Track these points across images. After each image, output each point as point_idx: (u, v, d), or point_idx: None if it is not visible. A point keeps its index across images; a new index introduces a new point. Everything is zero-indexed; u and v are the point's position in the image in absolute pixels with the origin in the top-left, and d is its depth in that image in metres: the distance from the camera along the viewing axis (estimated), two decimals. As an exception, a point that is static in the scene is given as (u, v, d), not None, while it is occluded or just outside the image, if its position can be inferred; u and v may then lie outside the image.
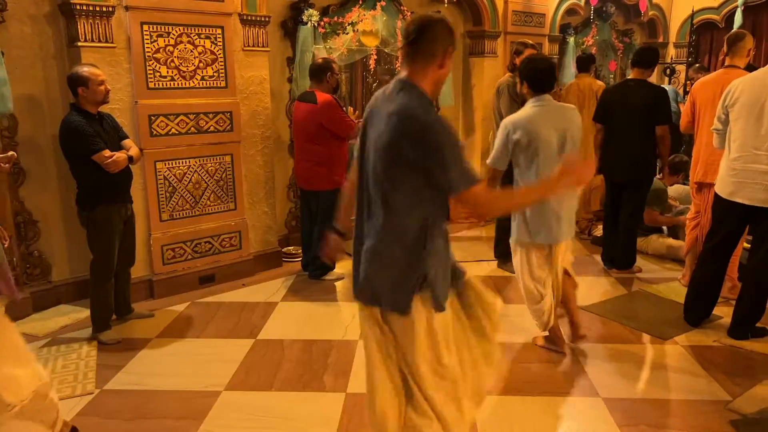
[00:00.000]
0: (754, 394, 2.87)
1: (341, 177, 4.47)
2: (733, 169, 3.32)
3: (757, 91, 3.22)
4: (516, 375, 3.12)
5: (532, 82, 3.10)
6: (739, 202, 3.30)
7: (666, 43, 8.83)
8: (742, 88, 3.29)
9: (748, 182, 3.25)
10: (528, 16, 6.58)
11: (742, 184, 3.28)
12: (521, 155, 3.07)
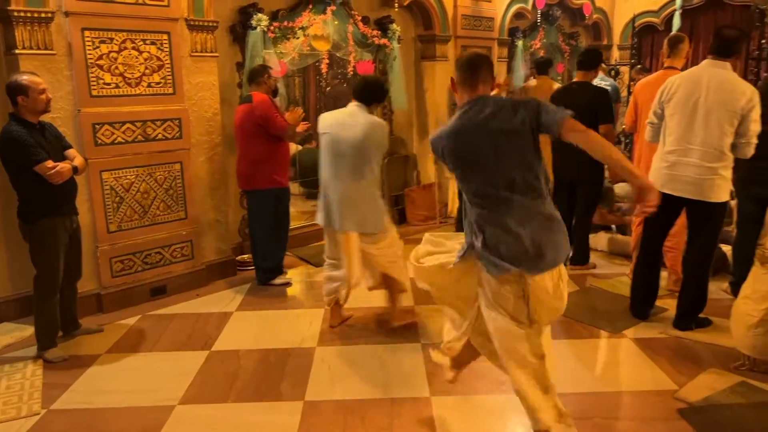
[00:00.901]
0: (698, 382, 2.98)
1: (282, 177, 4.46)
2: (667, 161, 3.47)
3: (691, 88, 3.36)
4: (471, 373, 3.15)
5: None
6: (670, 193, 3.44)
7: (610, 45, 9.12)
8: (678, 85, 3.44)
9: (679, 175, 3.40)
10: (477, 20, 6.69)
11: (674, 177, 3.42)
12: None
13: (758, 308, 3.01)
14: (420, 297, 4.28)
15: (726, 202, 3.42)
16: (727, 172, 3.35)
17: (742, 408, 2.73)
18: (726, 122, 3.25)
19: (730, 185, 3.43)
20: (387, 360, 3.34)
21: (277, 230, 4.54)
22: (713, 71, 3.35)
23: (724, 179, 3.35)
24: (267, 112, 4.24)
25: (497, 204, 2.20)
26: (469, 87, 2.30)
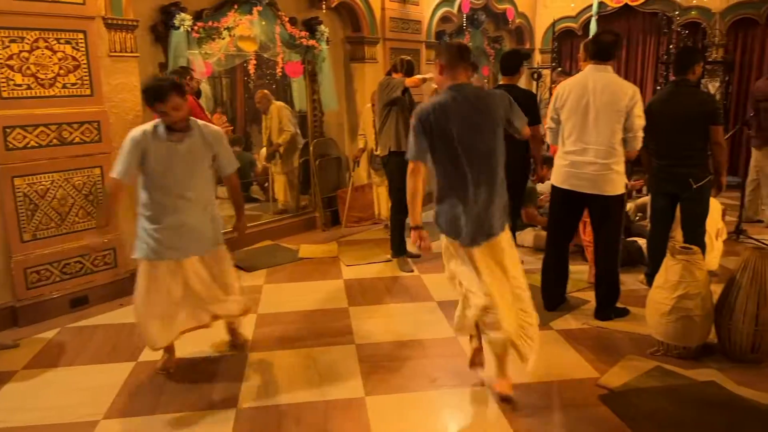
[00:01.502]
0: (618, 369, 3.14)
1: None
2: (567, 160, 3.69)
3: (580, 92, 3.58)
4: (406, 371, 3.20)
5: None
6: (569, 189, 3.68)
7: (532, 49, 9.46)
8: (569, 91, 3.66)
9: (578, 172, 3.62)
10: (405, 23, 6.78)
11: (573, 174, 3.65)
12: None
13: (670, 297, 3.22)
14: (353, 299, 4.30)
15: (623, 194, 3.65)
16: (620, 166, 3.58)
17: (657, 391, 2.90)
18: (614, 120, 3.49)
19: (625, 179, 3.67)
20: (321, 362, 3.33)
21: None
22: (597, 75, 3.58)
23: (618, 173, 3.58)
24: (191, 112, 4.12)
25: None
26: (454, 72, 2.76)
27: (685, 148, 3.92)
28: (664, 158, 4.04)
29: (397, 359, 3.35)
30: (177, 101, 2.88)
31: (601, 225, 3.76)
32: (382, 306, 4.18)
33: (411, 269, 4.89)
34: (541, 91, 8.48)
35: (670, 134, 3.96)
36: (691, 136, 3.90)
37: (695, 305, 3.17)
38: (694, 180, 3.90)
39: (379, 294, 4.42)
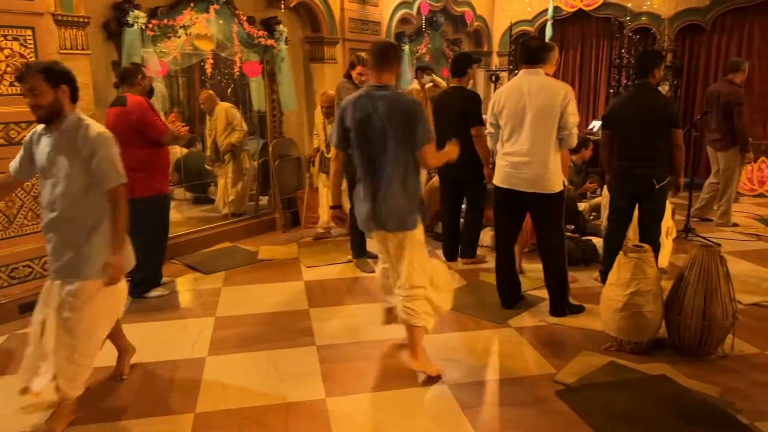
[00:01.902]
0: (574, 365, 3.22)
1: (162, 183, 4.25)
2: (506, 161, 3.80)
3: (517, 96, 3.71)
4: (367, 372, 3.20)
5: None
6: (510, 188, 3.80)
7: (490, 52, 9.60)
8: (506, 96, 3.78)
9: (517, 172, 3.74)
10: (365, 24, 6.79)
11: (513, 174, 3.77)
12: None
13: (622, 293, 3.31)
14: (314, 300, 4.28)
15: (561, 192, 3.76)
16: (556, 165, 3.71)
17: (610, 385, 2.98)
18: (550, 121, 3.62)
19: (563, 177, 3.78)
20: (281, 364, 3.30)
21: (155, 240, 4.28)
22: (531, 79, 3.72)
23: (556, 172, 3.70)
24: (144, 116, 4.01)
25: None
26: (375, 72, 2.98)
27: (648, 149, 4.06)
28: (627, 160, 4.16)
29: (359, 360, 3.35)
30: (35, 83, 2.50)
31: (542, 223, 3.88)
32: (344, 307, 4.17)
33: (372, 270, 4.89)
34: (499, 93, 8.61)
35: (633, 136, 4.09)
36: (652, 138, 4.04)
37: (646, 301, 3.27)
38: (657, 180, 4.03)
39: (340, 295, 4.41)
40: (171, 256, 5.14)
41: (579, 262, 4.96)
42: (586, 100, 9.33)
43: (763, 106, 7.96)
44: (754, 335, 3.56)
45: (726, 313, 3.21)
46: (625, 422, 2.65)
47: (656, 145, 4.04)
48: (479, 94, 5.06)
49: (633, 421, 2.65)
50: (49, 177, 2.64)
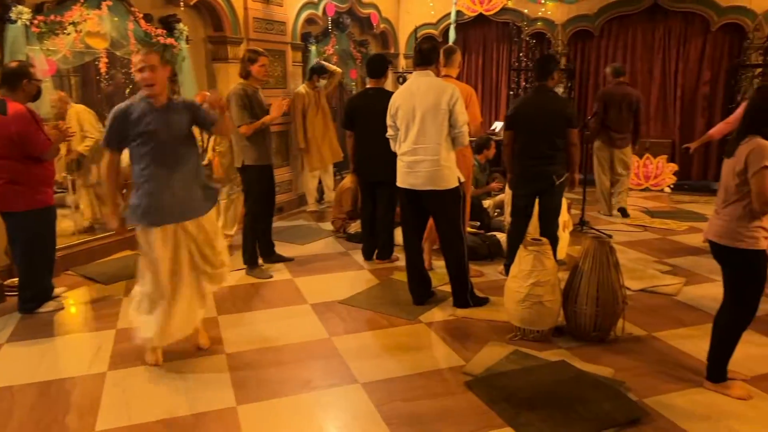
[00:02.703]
0: (481, 356, 3.34)
1: (45, 194, 3.94)
2: (403, 161, 3.93)
3: (408, 98, 3.85)
4: (279, 377, 3.16)
5: None
6: (409, 188, 3.92)
7: (397, 54, 9.76)
8: (401, 99, 3.92)
9: (414, 171, 3.86)
10: (269, 24, 6.69)
11: (410, 173, 3.89)
12: None
13: (524, 285, 3.48)
14: (222, 307, 4.17)
15: (457, 188, 3.88)
16: (450, 162, 3.84)
17: (515, 373, 3.12)
18: (440, 119, 3.75)
19: (457, 173, 3.90)
20: (189, 374, 3.19)
21: (41, 254, 4.00)
22: (421, 80, 3.87)
23: (450, 169, 3.83)
24: (25, 130, 3.69)
25: None
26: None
27: (548, 148, 4.28)
28: (529, 159, 4.37)
29: (270, 365, 3.29)
30: None
31: (439, 219, 4.00)
32: (255, 312, 4.09)
33: (270, 275, 4.81)
34: (407, 95, 8.76)
35: (534, 136, 4.31)
36: (552, 138, 4.27)
37: (545, 291, 3.45)
38: (556, 177, 4.27)
39: (250, 300, 4.32)
40: (66, 267, 4.83)
41: (485, 257, 5.16)
42: (489, 102, 9.71)
43: (644, 108, 8.62)
44: (642, 318, 3.86)
45: (616, 299, 3.45)
46: (528, 407, 2.78)
47: (555, 144, 4.28)
48: None
49: (535, 406, 2.79)
50: None
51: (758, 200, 2.63)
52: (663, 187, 8.26)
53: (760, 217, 2.69)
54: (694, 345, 3.40)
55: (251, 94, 4.59)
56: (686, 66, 8.34)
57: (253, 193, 4.80)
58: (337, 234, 6.09)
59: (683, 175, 8.35)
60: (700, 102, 8.35)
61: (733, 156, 2.75)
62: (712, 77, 8.24)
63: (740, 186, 2.71)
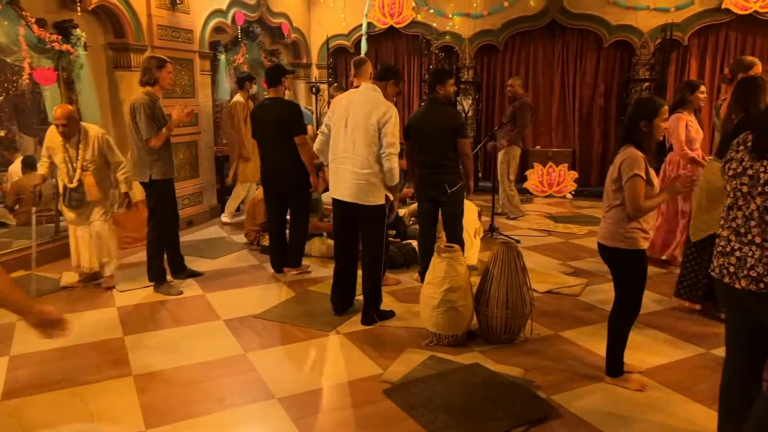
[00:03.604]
0: (398, 363, 3.38)
1: None
2: (331, 169, 3.96)
3: (345, 106, 3.86)
4: (190, 397, 3.04)
5: None
6: (336, 197, 3.94)
7: (309, 64, 9.74)
8: (336, 105, 3.96)
9: (341, 180, 3.88)
10: (175, 32, 6.47)
11: (338, 183, 3.91)
12: None
13: (438, 291, 3.56)
14: (129, 327, 3.97)
15: (382, 205, 3.86)
16: (377, 179, 3.79)
17: (431, 378, 3.18)
18: (369, 134, 3.74)
19: (384, 191, 3.85)
20: (92, 400, 3.00)
21: None
22: (363, 92, 3.90)
23: (376, 186, 3.80)
24: None
25: None
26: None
27: (440, 158, 4.41)
28: (424, 167, 4.51)
29: (182, 385, 3.16)
30: None
31: (364, 232, 3.99)
32: (164, 331, 3.91)
33: (180, 291, 4.63)
34: (320, 105, 8.77)
35: (427, 146, 4.44)
36: (443, 148, 4.40)
37: (459, 297, 3.55)
38: (449, 186, 4.39)
39: (160, 319, 4.13)
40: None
41: (401, 265, 5.23)
42: (401, 113, 9.87)
43: (546, 118, 9.13)
44: (549, 319, 4.05)
45: (524, 301, 3.61)
46: (445, 411, 2.84)
47: (447, 154, 4.41)
48: (298, 104, 5.12)
49: (452, 409, 2.86)
50: None
51: (630, 206, 2.85)
52: (565, 193, 8.74)
53: (638, 219, 2.91)
54: (596, 342, 3.60)
55: (157, 104, 4.45)
56: (583, 80, 8.89)
57: (161, 208, 4.62)
58: (251, 246, 5.97)
59: (583, 182, 8.87)
60: (596, 113, 8.92)
61: (612, 164, 2.97)
62: (606, 90, 8.84)
63: (617, 192, 2.93)
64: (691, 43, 8.30)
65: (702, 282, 4.01)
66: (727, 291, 2.22)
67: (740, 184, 2.16)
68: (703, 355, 3.51)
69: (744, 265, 2.12)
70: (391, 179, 3.78)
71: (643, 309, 3.17)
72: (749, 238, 2.11)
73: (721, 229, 2.26)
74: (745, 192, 2.14)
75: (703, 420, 2.81)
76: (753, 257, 2.09)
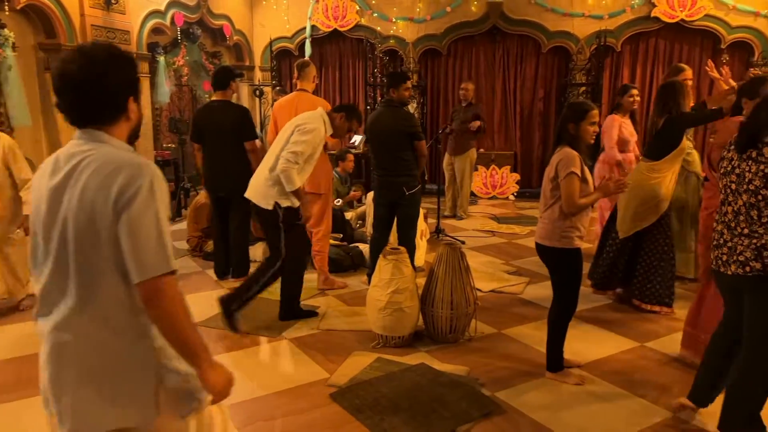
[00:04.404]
0: (345, 366, 3.37)
1: None
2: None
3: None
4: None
5: None
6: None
7: (252, 66, 9.61)
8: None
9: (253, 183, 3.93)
10: (111, 32, 6.27)
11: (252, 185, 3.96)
12: None
13: (384, 293, 3.58)
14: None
15: (274, 212, 3.81)
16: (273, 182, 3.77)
17: (378, 380, 3.19)
18: (286, 137, 3.82)
19: (277, 197, 3.81)
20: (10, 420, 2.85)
21: None
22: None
23: (269, 189, 3.80)
24: None
25: None
26: None
27: (394, 160, 4.44)
28: (382, 170, 4.53)
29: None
30: None
31: (265, 233, 4.05)
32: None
33: None
34: (264, 108, 8.66)
35: (383, 149, 4.46)
36: (399, 150, 4.44)
37: (405, 298, 3.58)
38: (406, 188, 4.43)
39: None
40: None
41: (348, 268, 5.23)
42: (347, 116, 9.88)
43: (489, 122, 9.29)
44: (492, 317, 4.13)
45: (468, 301, 3.67)
46: (391, 412, 2.85)
47: (403, 156, 4.46)
48: (248, 109, 5.05)
49: (398, 410, 2.87)
50: None
51: (566, 203, 2.96)
52: (508, 195, 8.95)
53: (572, 219, 3.01)
54: (537, 339, 3.70)
55: None
56: (523, 84, 9.14)
57: None
58: (194, 253, 5.82)
59: (525, 184, 9.11)
60: (536, 117, 9.18)
61: (549, 164, 3.08)
62: (546, 94, 9.11)
63: (554, 191, 3.04)
64: (624, 49, 8.67)
65: (615, 273, 4.28)
66: (721, 279, 2.52)
67: (729, 182, 2.43)
68: (639, 348, 3.66)
69: (734, 253, 2.40)
70: (287, 183, 3.73)
71: (581, 305, 3.29)
72: (738, 230, 2.39)
73: (716, 224, 2.53)
74: (734, 189, 2.41)
75: (640, 411, 2.93)
76: (742, 245, 2.37)
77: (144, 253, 1.40)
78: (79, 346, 1.47)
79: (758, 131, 2.33)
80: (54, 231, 1.47)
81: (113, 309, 1.47)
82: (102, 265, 1.44)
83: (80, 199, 1.43)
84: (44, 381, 1.52)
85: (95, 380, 1.47)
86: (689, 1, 8.04)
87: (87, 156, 1.47)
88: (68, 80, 1.46)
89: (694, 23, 8.15)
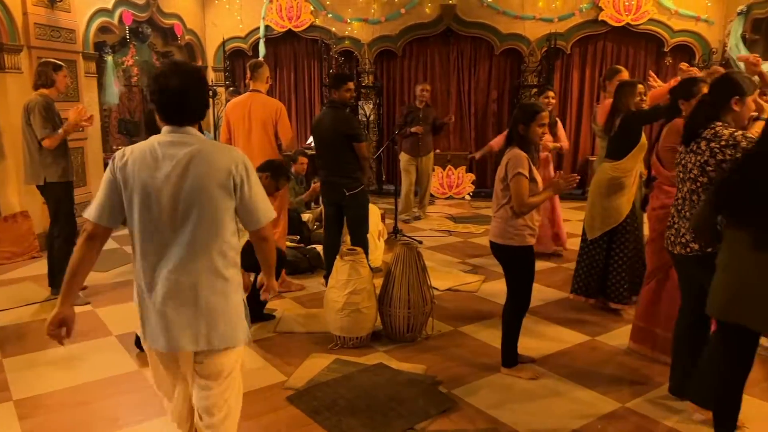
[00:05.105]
0: (303, 369, 3.35)
1: None
2: None
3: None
4: (78, 419, 2.85)
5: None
6: None
7: (205, 66, 9.44)
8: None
9: None
10: (55, 31, 6.05)
11: None
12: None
13: (341, 294, 3.57)
14: (7, 348, 3.66)
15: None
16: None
17: (336, 381, 3.18)
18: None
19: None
20: (-35, 432, 2.74)
21: None
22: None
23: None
24: None
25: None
26: None
27: (337, 161, 4.44)
28: (325, 171, 4.54)
29: (70, 407, 2.96)
30: None
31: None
32: (49, 351, 3.63)
33: (87, 302, 4.37)
34: (217, 109, 8.52)
35: (325, 150, 4.49)
36: (339, 152, 4.43)
37: (362, 299, 3.58)
38: (347, 189, 4.42)
39: (43, 338, 3.82)
40: None
41: (305, 270, 5.20)
42: (303, 117, 9.83)
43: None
44: (449, 315, 4.18)
45: (425, 300, 3.70)
46: (349, 413, 2.85)
47: (343, 158, 4.44)
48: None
49: (356, 411, 2.87)
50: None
51: (516, 203, 3.03)
52: (464, 195, 9.06)
53: (524, 218, 3.08)
54: (492, 335, 3.76)
55: (52, 106, 4.33)
56: (477, 85, 9.27)
57: (63, 211, 4.46)
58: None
59: (480, 184, 9.24)
60: (490, 118, 9.33)
61: (500, 165, 3.15)
62: (499, 96, 9.26)
63: (504, 191, 3.10)
64: (574, 52, 8.90)
65: (594, 277, 4.18)
66: (673, 258, 2.84)
67: (678, 172, 2.73)
68: (591, 342, 3.77)
69: (678, 235, 2.73)
70: None
71: (534, 301, 3.36)
72: (683, 213, 2.70)
73: (671, 208, 2.83)
74: (681, 178, 2.70)
75: (593, 404, 3.01)
76: (684, 227, 2.69)
77: (262, 209, 2.01)
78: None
79: (697, 127, 2.60)
80: (179, 203, 1.87)
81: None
82: (220, 217, 1.91)
83: (204, 176, 1.87)
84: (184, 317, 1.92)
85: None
86: (634, 6, 8.33)
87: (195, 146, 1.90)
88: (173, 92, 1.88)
89: (639, 27, 8.44)
